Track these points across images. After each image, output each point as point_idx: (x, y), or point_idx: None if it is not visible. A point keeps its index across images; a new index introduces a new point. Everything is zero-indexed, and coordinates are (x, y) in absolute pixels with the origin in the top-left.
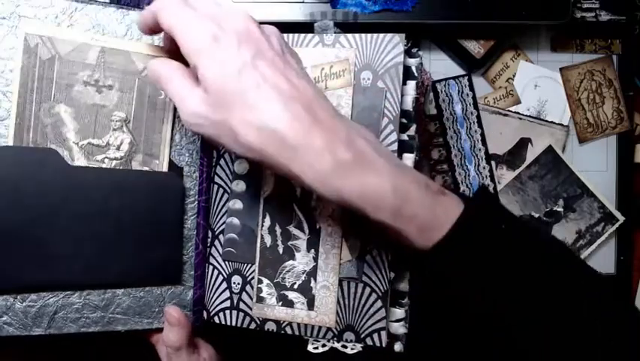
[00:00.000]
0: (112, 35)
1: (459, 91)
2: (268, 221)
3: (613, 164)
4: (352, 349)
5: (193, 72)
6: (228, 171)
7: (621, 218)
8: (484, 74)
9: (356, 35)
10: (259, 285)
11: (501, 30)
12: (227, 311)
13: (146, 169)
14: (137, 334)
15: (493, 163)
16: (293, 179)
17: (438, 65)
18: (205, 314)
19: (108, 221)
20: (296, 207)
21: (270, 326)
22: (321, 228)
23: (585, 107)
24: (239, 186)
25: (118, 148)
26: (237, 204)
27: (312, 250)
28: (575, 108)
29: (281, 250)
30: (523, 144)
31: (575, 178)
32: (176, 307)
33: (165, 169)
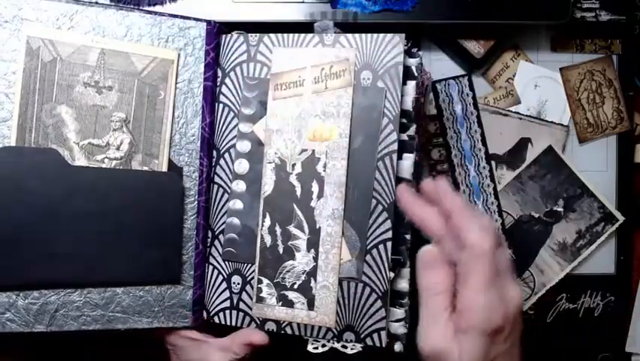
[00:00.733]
0: (112, 37)
1: (459, 91)
2: (268, 221)
3: (613, 164)
4: (352, 349)
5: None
6: (228, 171)
7: (621, 218)
8: (484, 74)
9: (356, 35)
10: (259, 285)
11: (501, 30)
12: (227, 311)
13: (146, 169)
14: (137, 333)
15: (493, 163)
16: None
17: (438, 65)
18: (205, 314)
19: (108, 220)
20: (296, 207)
21: (270, 326)
22: (320, 228)
23: (585, 107)
24: (239, 186)
25: (118, 148)
26: (237, 204)
27: (312, 250)
28: (575, 108)
29: (281, 250)
30: (523, 144)
31: (575, 178)
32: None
33: (165, 169)
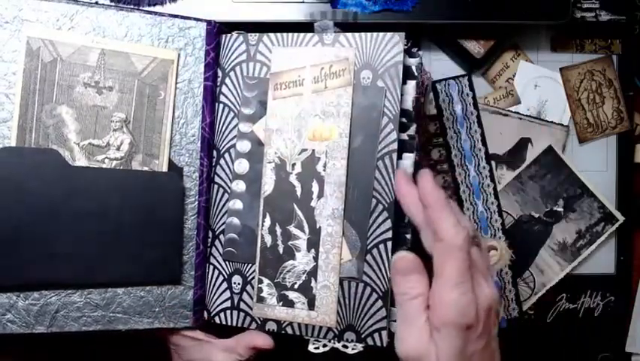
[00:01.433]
0: (112, 37)
1: (459, 91)
2: (268, 221)
3: (613, 164)
4: (353, 349)
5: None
6: (228, 171)
7: (621, 218)
8: (484, 74)
9: (356, 35)
10: (259, 285)
11: (501, 30)
12: (227, 311)
13: (146, 169)
14: (137, 333)
15: (493, 163)
16: None
17: (438, 65)
18: (205, 314)
19: (109, 220)
20: (296, 207)
21: (271, 326)
22: (321, 228)
23: (585, 107)
24: (239, 186)
25: (118, 148)
26: (237, 204)
27: (313, 250)
28: (575, 108)
29: (281, 250)
30: (523, 144)
31: (575, 178)
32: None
33: (165, 169)
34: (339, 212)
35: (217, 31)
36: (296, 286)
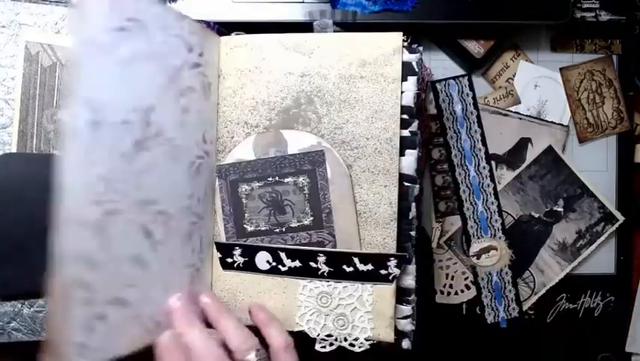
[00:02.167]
0: None
1: (459, 91)
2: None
3: (613, 164)
4: (360, 347)
5: None
6: None
7: (621, 218)
8: (484, 74)
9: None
10: None
11: (501, 30)
12: None
13: None
14: None
15: (493, 163)
16: None
17: (438, 65)
18: None
19: None
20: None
21: None
22: None
23: (585, 107)
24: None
25: None
26: None
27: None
28: (575, 108)
29: None
30: (523, 144)
31: (575, 178)
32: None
33: None
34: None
35: (216, 31)
36: None
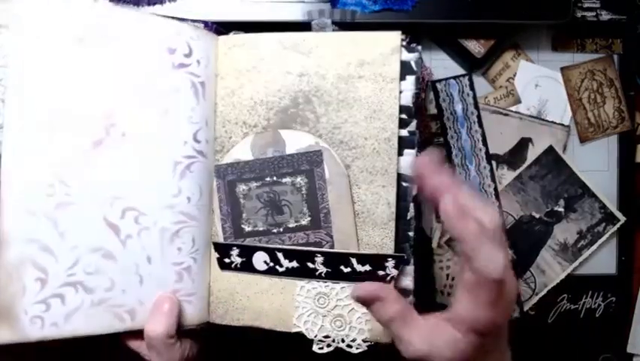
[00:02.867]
0: None
1: (459, 90)
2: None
3: (614, 164)
4: (357, 348)
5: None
6: None
7: (622, 218)
8: (484, 74)
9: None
10: None
11: (501, 29)
12: None
13: None
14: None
15: (493, 163)
16: None
17: (438, 65)
18: None
19: None
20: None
21: None
22: None
23: (586, 106)
24: None
25: None
26: None
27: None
28: (576, 108)
29: None
30: (523, 144)
31: (576, 178)
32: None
33: None
34: None
35: (215, 32)
36: None
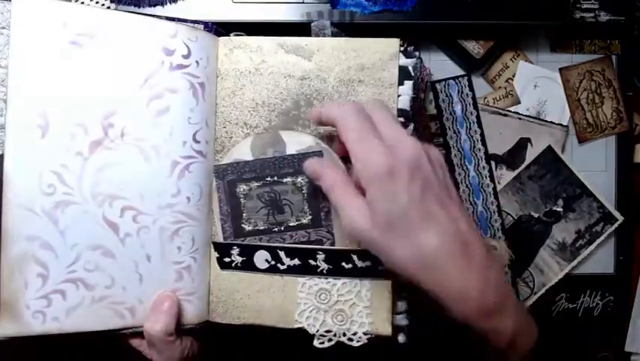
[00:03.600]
0: None
1: (459, 91)
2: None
3: (612, 164)
4: (358, 341)
5: (355, 180)
6: None
7: (620, 218)
8: (483, 75)
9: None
10: None
11: (501, 30)
12: None
13: None
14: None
15: (492, 163)
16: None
17: (437, 66)
18: None
19: None
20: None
21: None
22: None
23: (584, 107)
24: None
25: None
26: None
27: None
28: (575, 108)
29: None
30: (522, 144)
31: (575, 178)
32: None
33: None
34: None
35: (215, 32)
36: None
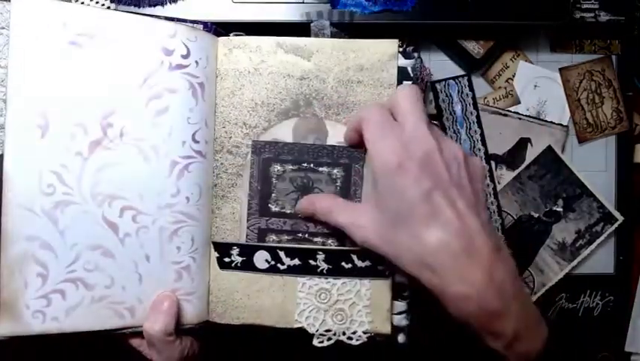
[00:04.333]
0: None
1: (458, 91)
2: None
3: (612, 164)
4: (357, 340)
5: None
6: None
7: (620, 218)
8: (483, 75)
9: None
10: None
11: (501, 30)
12: None
13: None
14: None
15: (492, 163)
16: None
17: (438, 66)
18: None
19: None
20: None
21: None
22: None
23: (584, 107)
24: None
25: None
26: None
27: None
28: (575, 108)
29: None
30: (522, 144)
31: (575, 178)
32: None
33: None
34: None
35: (215, 32)
36: None
